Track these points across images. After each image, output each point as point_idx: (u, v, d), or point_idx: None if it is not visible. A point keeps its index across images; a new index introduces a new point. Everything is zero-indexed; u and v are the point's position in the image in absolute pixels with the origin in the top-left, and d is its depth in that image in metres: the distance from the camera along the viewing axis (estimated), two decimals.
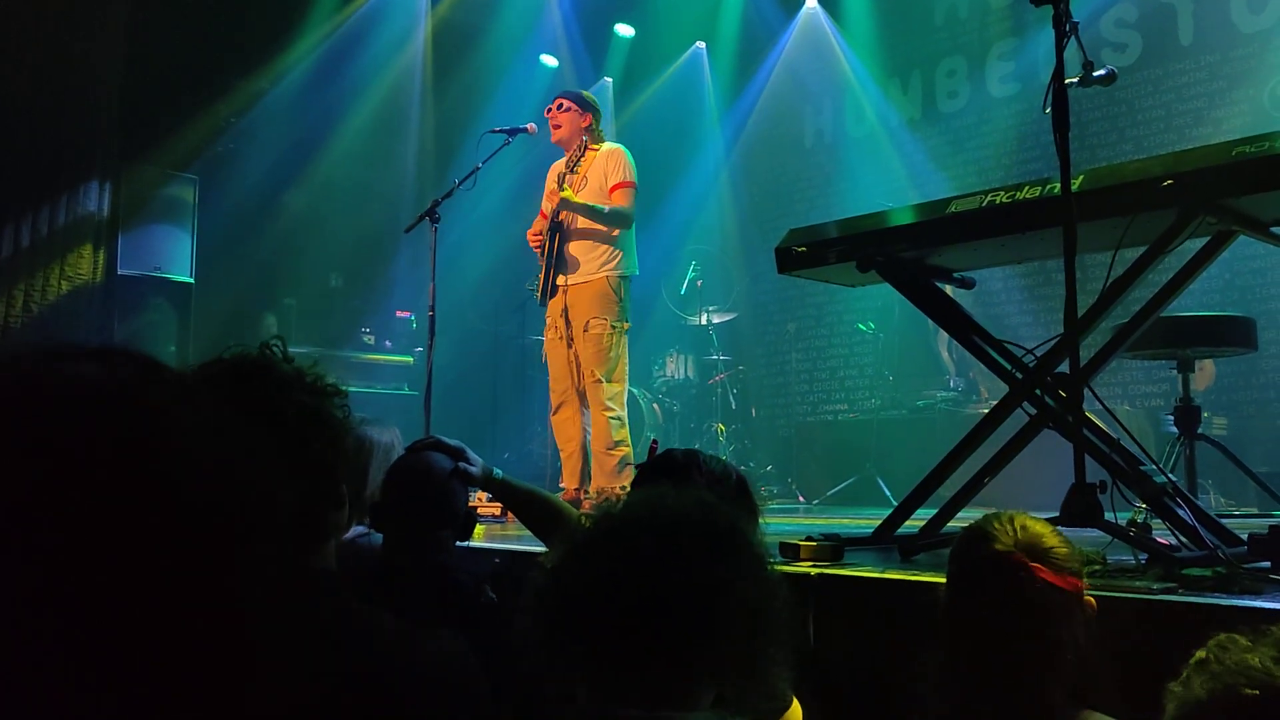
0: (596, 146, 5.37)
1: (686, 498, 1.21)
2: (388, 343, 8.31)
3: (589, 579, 1.13)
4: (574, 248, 5.28)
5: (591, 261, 5.25)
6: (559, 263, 5.29)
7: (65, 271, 6.97)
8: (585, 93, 5.65)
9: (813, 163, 9.67)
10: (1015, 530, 1.67)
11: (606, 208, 5.22)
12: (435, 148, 9.00)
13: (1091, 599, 1.68)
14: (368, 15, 8.61)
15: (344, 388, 1.55)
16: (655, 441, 2.62)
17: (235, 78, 7.90)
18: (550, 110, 5.45)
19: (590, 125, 5.40)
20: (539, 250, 5.37)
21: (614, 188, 5.26)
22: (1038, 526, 1.70)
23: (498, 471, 2.38)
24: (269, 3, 8.13)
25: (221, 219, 7.59)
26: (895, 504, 3.27)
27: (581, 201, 5.21)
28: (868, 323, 8.11)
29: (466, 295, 8.43)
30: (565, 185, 5.25)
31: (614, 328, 5.21)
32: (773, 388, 9.57)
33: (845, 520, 5.32)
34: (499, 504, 5.04)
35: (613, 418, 5.17)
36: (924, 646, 1.76)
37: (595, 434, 5.22)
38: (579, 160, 5.34)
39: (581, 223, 5.27)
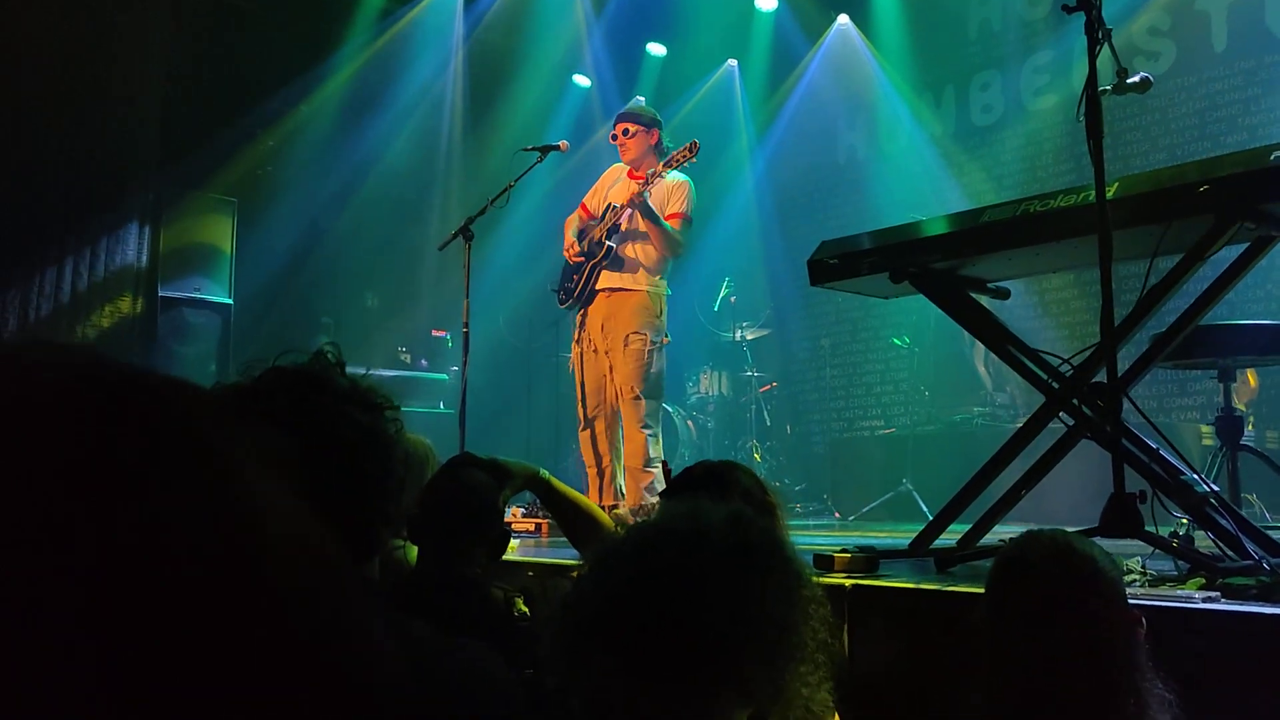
0: (665, 174, 5.27)
1: (719, 510, 1.17)
2: (423, 361, 8.37)
3: (613, 590, 1.10)
4: (628, 249, 5.25)
5: (639, 268, 5.23)
6: (612, 262, 5.25)
7: (108, 307, 7.08)
8: (646, 108, 5.60)
9: (846, 178, 9.64)
10: (1062, 557, 1.58)
11: (670, 226, 5.20)
12: (469, 166, 9.07)
13: (1140, 616, 1.61)
14: (403, 37, 8.72)
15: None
16: (666, 463, 2.61)
17: (273, 101, 8.00)
18: (616, 138, 5.42)
19: (659, 142, 5.36)
20: (579, 258, 5.34)
21: (670, 215, 5.23)
22: (1082, 548, 1.60)
23: (544, 471, 2.40)
24: (305, 26, 8.24)
25: (260, 241, 7.69)
26: (932, 519, 3.24)
27: (653, 208, 5.14)
28: (903, 337, 8.05)
29: (500, 312, 8.47)
30: (647, 181, 5.14)
31: (654, 343, 5.20)
32: (807, 404, 9.52)
33: (881, 535, 5.28)
34: (534, 520, 5.08)
35: (650, 435, 5.17)
36: (960, 659, 1.72)
37: (631, 450, 5.20)
38: (649, 181, 5.25)
39: (639, 229, 5.23)
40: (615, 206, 5.29)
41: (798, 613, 1.14)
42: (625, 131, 5.38)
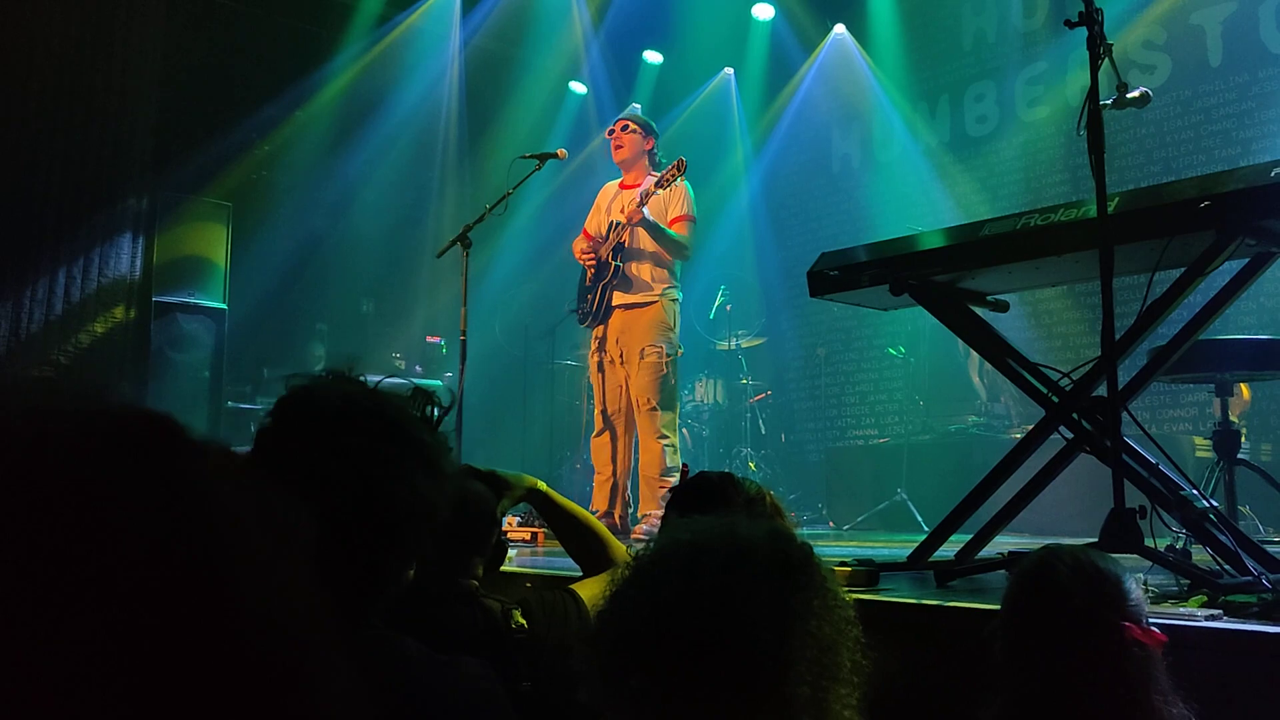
0: (655, 191, 5.31)
1: (758, 527, 1.15)
2: (418, 368, 8.35)
3: (652, 608, 1.08)
4: (635, 268, 5.31)
5: (651, 284, 5.29)
6: (621, 282, 5.29)
7: (102, 314, 7.05)
8: (645, 117, 5.68)
9: (841, 188, 9.64)
10: (1087, 574, 1.55)
11: (675, 233, 5.25)
12: (466, 173, 9.06)
13: (1163, 635, 1.56)
14: (400, 44, 8.72)
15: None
16: (685, 466, 2.66)
17: (269, 107, 7.99)
18: (614, 131, 5.48)
19: (653, 149, 5.44)
20: (590, 268, 5.38)
21: (674, 220, 5.31)
22: (1106, 565, 1.58)
23: (542, 484, 2.40)
24: (301, 32, 8.24)
25: (255, 246, 7.67)
26: (926, 529, 3.24)
27: (655, 221, 5.21)
28: (898, 347, 8.06)
29: (497, 320, 8.46)
30: (641, 202, 5.22)
31: (669, 355, 5.26)
32: (802, 413, 9.52)
33: (877, 545, 5.27)
34: (529, 530, 5.07)
35: (668, 445, 5.24)
36: (965, 674, 1.70)
37: (649, 460, 5.26)
38: (644, 200, 5.29)
39: (643, 244, 5.29)
40: (618, 224, 5.33)
41: (837, 631, 1.13)
42: (625, 127, 5.44)
